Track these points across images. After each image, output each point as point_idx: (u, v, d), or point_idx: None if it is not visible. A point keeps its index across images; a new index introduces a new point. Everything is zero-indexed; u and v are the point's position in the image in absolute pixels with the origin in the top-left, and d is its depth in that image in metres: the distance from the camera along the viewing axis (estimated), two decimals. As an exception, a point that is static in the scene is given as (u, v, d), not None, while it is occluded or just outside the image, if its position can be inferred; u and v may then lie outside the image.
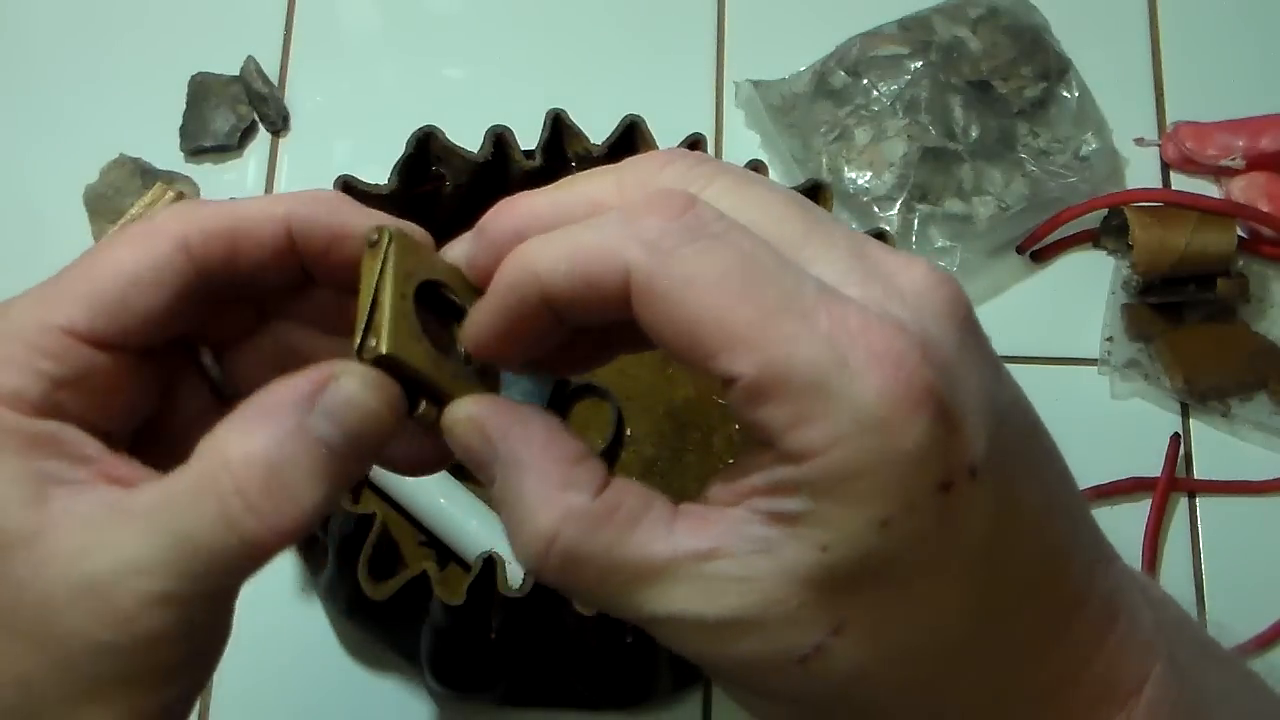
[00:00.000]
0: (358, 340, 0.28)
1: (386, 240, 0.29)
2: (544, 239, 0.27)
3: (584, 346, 0.31)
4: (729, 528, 0.27)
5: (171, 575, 0.27)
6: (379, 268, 0.29)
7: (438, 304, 0.30)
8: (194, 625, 0.28)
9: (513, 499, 0.28)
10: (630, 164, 0.29)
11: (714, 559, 0.26)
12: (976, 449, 0.26)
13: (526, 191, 0.29)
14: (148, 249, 0.29)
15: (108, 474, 0.28)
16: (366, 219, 0.30)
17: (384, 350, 0.28)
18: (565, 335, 0.29)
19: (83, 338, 0.29)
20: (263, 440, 0.27)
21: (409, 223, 0.31)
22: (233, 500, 0.27)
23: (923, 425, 0.25)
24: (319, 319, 0.33)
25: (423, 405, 0.29)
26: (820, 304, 0.25)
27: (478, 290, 0.30)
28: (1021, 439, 0.28)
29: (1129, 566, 0.31)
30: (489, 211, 0.30)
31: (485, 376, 0.31)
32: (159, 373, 0.31)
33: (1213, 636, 0.33)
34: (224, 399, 0.33)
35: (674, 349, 0.26)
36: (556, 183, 0.30)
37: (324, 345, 0.33)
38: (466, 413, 0.29)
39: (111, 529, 0.27)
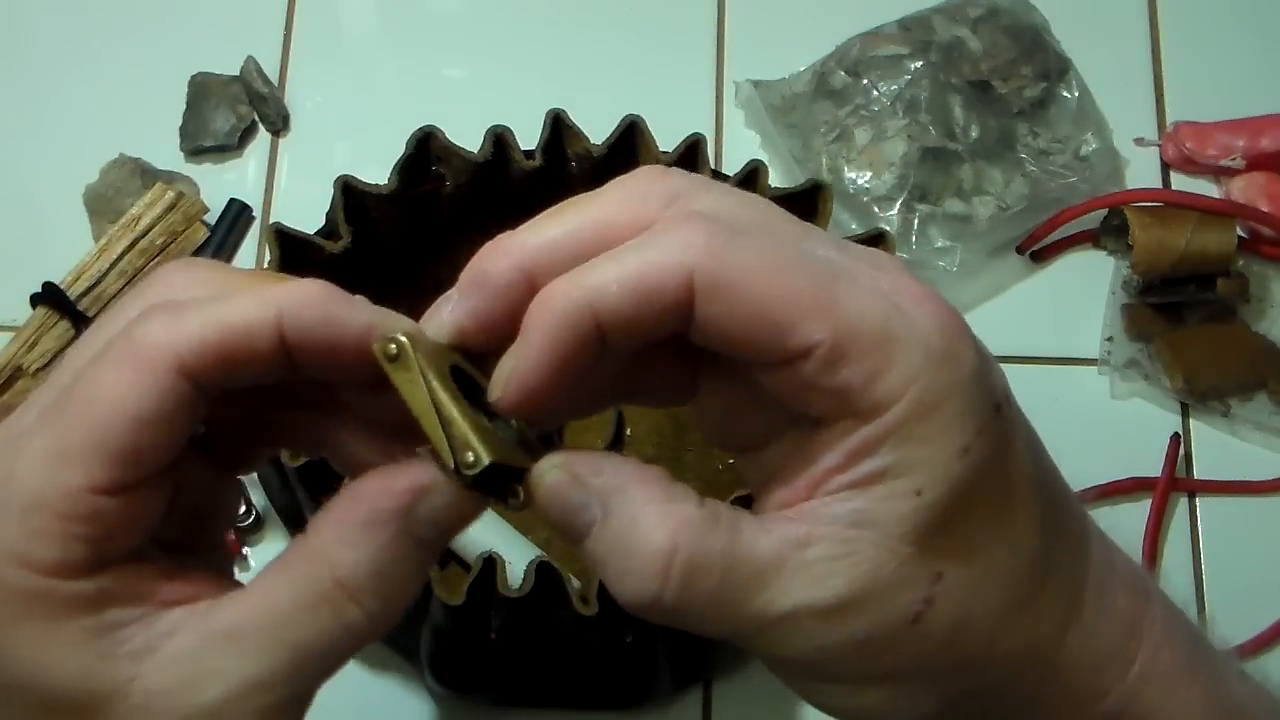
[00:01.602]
0: (450, 463, 0.28)
1: (411, 350, 0.28)
2: (587, 268, 0.28)
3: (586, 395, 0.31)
4: (814, 515, 0.28)
5: (289, 681, 0.28)
6: (420, 379, 0.28)
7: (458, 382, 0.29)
8: None
9: (622, 528, 0.28)
10: (623, 181, 0.30)
11: (813, 543, 0.27)
12: (1002, 378, 0.29)
13: (509, 232, 0.29)
14: (146, 381, 0.28)
15: (168, 600, 0.29)
16: (356, 315, 0.29)
17: (488, 461, 0.27)
18: (604, 376, 0.29)
19: (109, 492, 0.28)
20: (369, 550, 0.28)
21: (401, 317, 0.29)
22: (349, 609, 0.28)
23: (973, 349, 0.28)
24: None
25: (519, 491, 0.29)
26: (851, 270, 0.28)
27: (480, 354, 0.29)
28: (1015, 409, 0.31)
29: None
30: (476, 260, 0.29)
31: (531, 441, 0.30)
32: (167, 480, 0.30)
33: None
34: (208, 454, 0.32)
35: (742, 336, 0.27)
36: (545, 214, 0.29)
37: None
38: (552, 464, 0.29)
39: (216, 656, 0.28)
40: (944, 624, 0.28)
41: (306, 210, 0.64)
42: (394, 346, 0.28)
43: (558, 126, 0.64)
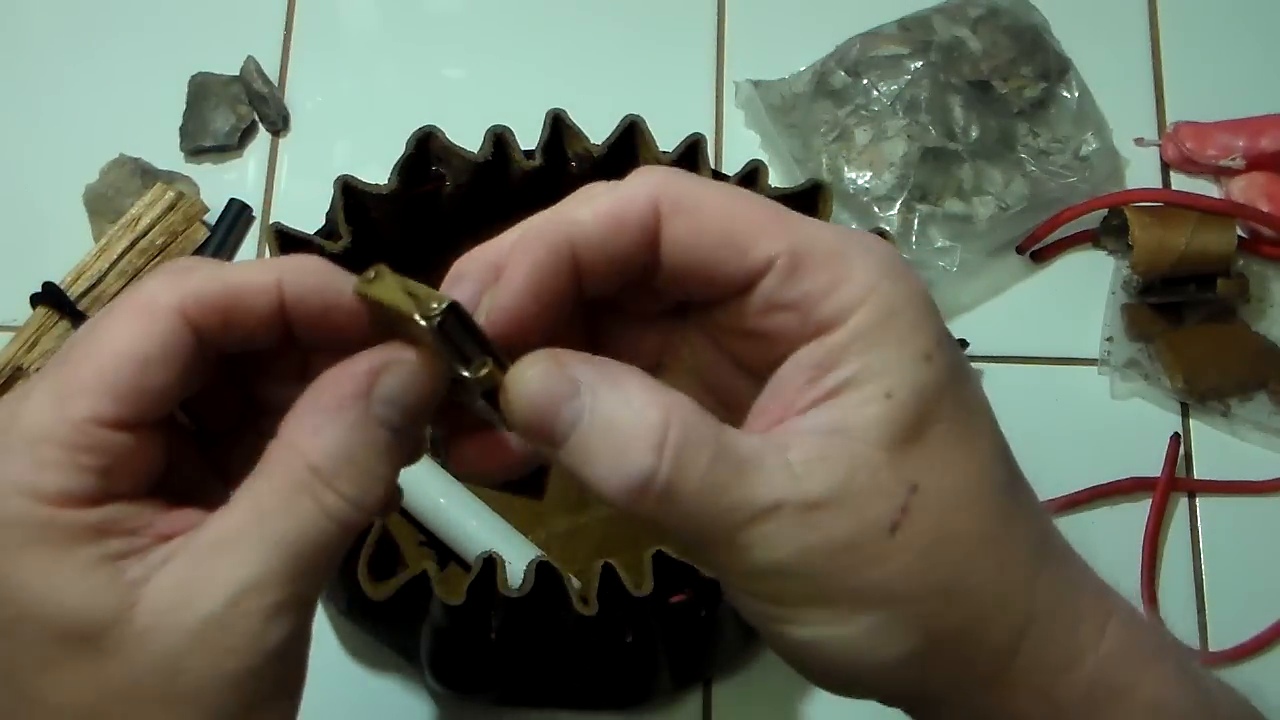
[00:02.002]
0: (419, 312, 0.29)
1: (387, 270, 0.30)
2: (562, 205, 0.30)
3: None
4: (790, 428, 0.29)
5: (285, 581, 0.29)
6: (393, 281, 0.30)
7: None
8: (305, 627, 0.30)
9: (611, 412, 0.28)
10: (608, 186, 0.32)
11: (792, 447, 0.28)
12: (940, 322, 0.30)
13: (547, 211, 0.31)
14: (150, 326, 0.29)
15: (164, 534, 0.29)
16: (351, 281, 0.31)
17: (448, 301, 0.29)
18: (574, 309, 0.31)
19: (113, 425, 0.29)
20: (336, 435, 0.29)
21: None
22: (327, 495, 0.29)
23: (916, 279, 0.30)
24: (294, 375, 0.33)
25: (485, 365, 0.29)
26: (812, 221, 0.30)
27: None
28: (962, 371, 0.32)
29: None
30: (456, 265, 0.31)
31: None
32: (165, 434, 0.31)
33: None
34: (198, 437, 0.34)
35: (706, 253, 0.30)
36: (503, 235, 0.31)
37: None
38: (537, 358, 0.29)
39: (208, 567, 0.28)
40: (921, 538, 0.28)
41: (306, 210, 0.64)
42: (373, 272, 0.30)
43: (558, 126, 0.64)
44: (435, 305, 0.29)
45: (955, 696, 0.30)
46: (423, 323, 0.29)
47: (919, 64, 0.74)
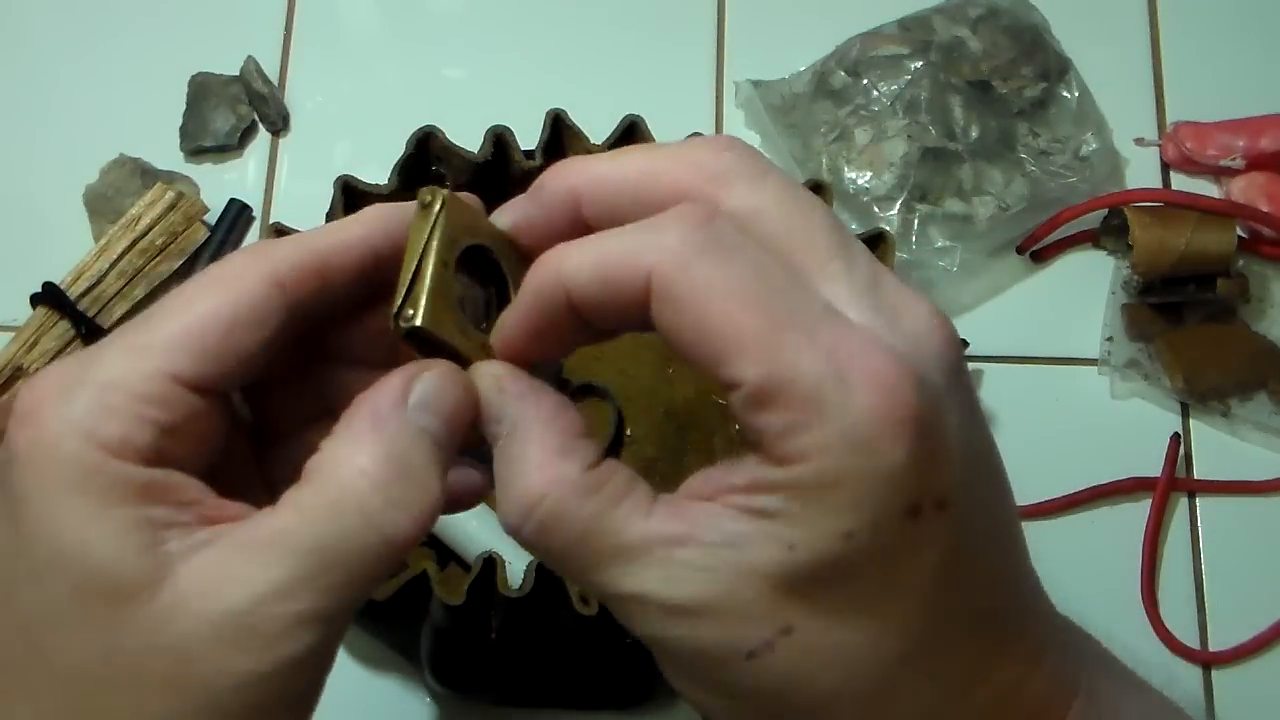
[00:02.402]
0: (395, 307, 0.30)
1: (440, 204, 0.30)
2: (572, 245, 0.29)
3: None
4: (703, 518, 0.28)
5: (316, 592, 0.28)
6: (427, 231, 0.30)
7: (483, 267, 0.31)
8: (329, 645, 0.29)
9: (511, 457, 0.29)
10: (691, 145, 0.30)
11: (684, 545, 0.28)
12: (949, 482, 0.27)
13: (585, 156, 0.31)
14: (242, 290, 0.29)
15: (209, 516, 0.29)
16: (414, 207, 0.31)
17: (419, 324, 0.29)
18: (588, 338, 0.31)
19: (187, 384, 0.29)
20: (384, 443, 0.29)
21: (464, 192, 0.32)
22: (373, 500, 0.28)
23: (903, 450, 0.26)
24: (367, 356, 0.34)
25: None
26: (825, 322, 0.27)
27: (526, 257, 0.31)
28: (987, 481, 0.30)
29: (1052, 606, 0.33)
30: (545, 172, 0.31)
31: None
32: (229, 415, 0.31)
33: (1131, 671, 0.35)
34: (253, 437, 0.34)
35: (686, 353, 0.28)
36: (613, 152, 0.31)
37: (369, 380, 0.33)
38: (491, 370, 0.30)
39: (243, 562, 0.28)
40: (777, 672, 0.28)
41: (306, 210, 0.64)
42: (429, 195, 0.30)
43: (558, 126, 0.64)
44: (410, 313, 0.30)
45: None
46: (393, 322, 0.30)
47: (919, 64, 0.74)
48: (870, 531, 0.27)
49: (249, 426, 0.34)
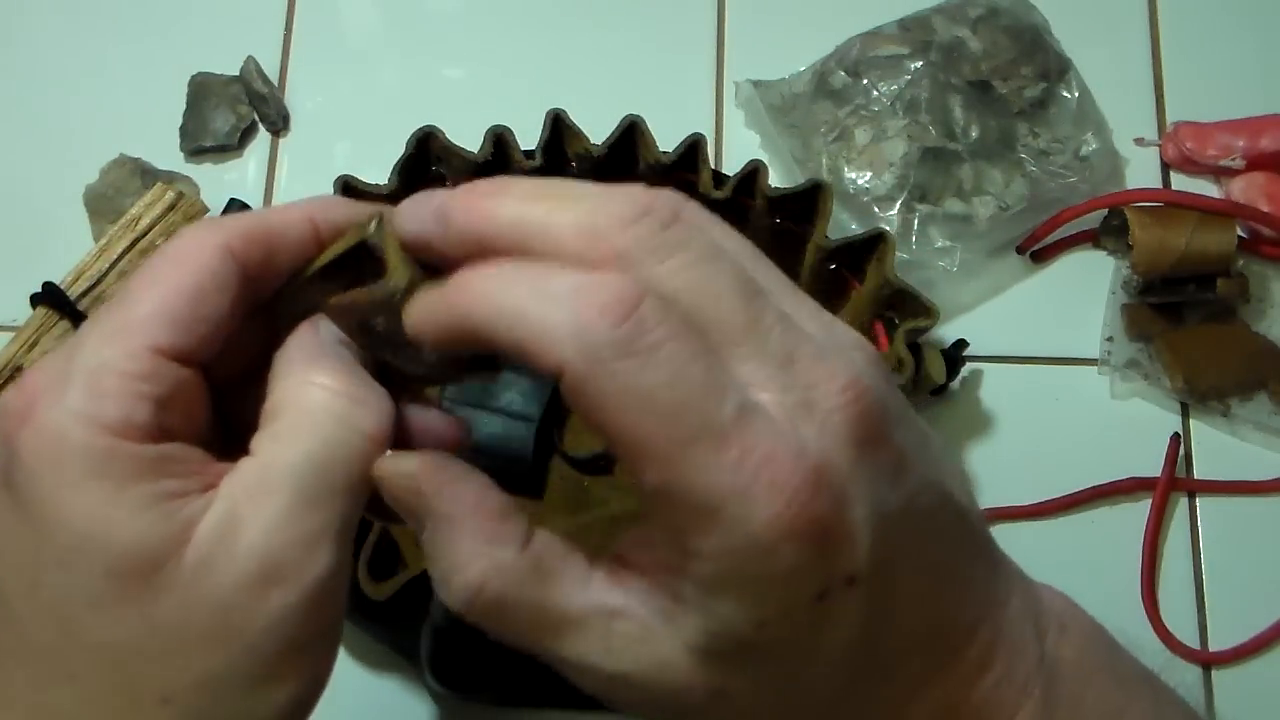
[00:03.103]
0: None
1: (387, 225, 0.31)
2: (498, 289, 0.28)
3: None
4: (636, 591, 0.29)
5: (321, 507, 0.29)
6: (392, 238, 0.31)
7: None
8: (343, 568, 0.30)
9: (442, 552, 0.30)
10: (601, 206, 0.28)
11: (620, 618, 0.29)
12: (856, 562, 0.28)
13: (500, 183, 0.29)
14: (200, 261, 0.30)
15: (211, 482, 0.30)
16: (379, 210, 0.32)
17: (404, 282, 0.30)
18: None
19: (169, 355, 0.30)
20: (326, 362, 0.31)
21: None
22: (340, 403, 0.30)
23: (804, 552, 0.27)
24: None
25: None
26: (735, 431, 0.27)
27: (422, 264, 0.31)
28: (917, 531, 0.30)
29: (1037, 591, 0.34)
30: (457, 195, 0.30)
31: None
32: (206, 379, 0.32)
33: (1123, 654, 0.35)
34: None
35: (598, 434, 0.28)
36: (533, 191, 0.29)
37: None
38: (401, 469, 0.30)
39: (246, 504, 0.29)
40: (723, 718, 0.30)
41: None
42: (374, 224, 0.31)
43: (558, 126, 0.64)
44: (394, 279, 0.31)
45: None
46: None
47: (919, 64, 0.74)
48: (780, 620, 0.28)
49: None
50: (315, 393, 0.30)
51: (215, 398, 0.33)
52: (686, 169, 0.65)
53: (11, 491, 0.29)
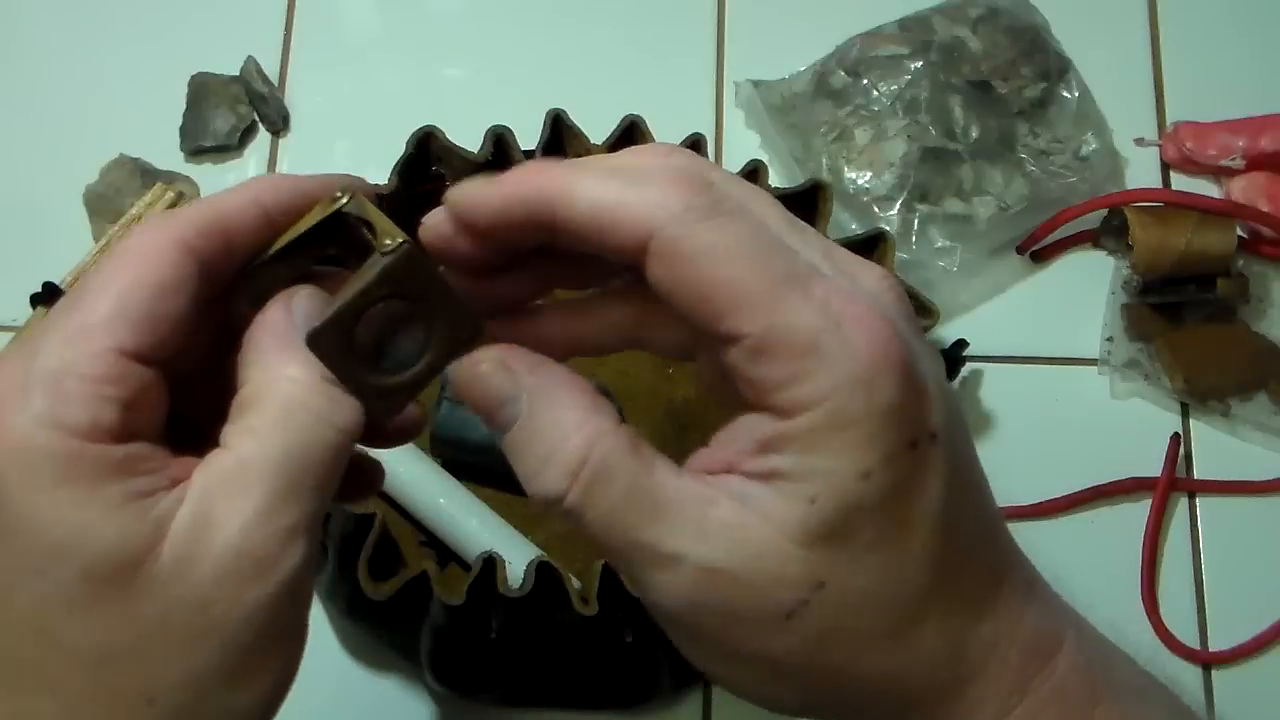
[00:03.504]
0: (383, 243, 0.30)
1: (346, 199, 0.32)
2: (570, 171, 0.30)
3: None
4: (724, 486, 0.29)
5: (297, 502, 0.29)
6: (368, 203, 0.31)
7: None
8: (311, 561, 0.30)
9: (540, 427, 0.30)
10: (637, 151, 0.31)
11: (716, 505, 0.29)
12: (936, 415, 0.29)
13: (552, 163, 0.31)
14: (157, 257, 0.30)
15: (176, 477, 0.30)
16: (319, 181, 0.32)
17: (401, 239, 0.30)
18: (520, 259, 0.32)
19: (132, 355, 0.29)
20: (298, 353, 0.30)
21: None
22: (315, 399, 0.30)
23: (899, 384, 0.28)
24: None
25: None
26: (814, 277, 0.29)
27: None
28: (959, 419, 0.31)
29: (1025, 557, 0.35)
30: (517, 168, 0.31)
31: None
32: (167, 376, 0.32)
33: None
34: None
35: (684, 306, 0.29)
36: (583, 164, 0.31)
37: None
38: (489, 355, 0.31)
39: (221, 500, 0.29)
40: (814, 628, 0.29)
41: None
42: (341, 193, 0.31)
43: (558, 126, 0.64)
44: (389, 242, 0.30)
45: None
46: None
47: (919, 64, 0.74)
48: (883, 467, 0.28)
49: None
50: (290, 387, 0.30)
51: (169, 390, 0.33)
52: (686, 169, 0.65)
53: None
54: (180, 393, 0.32)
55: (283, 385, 0.30)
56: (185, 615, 0.28)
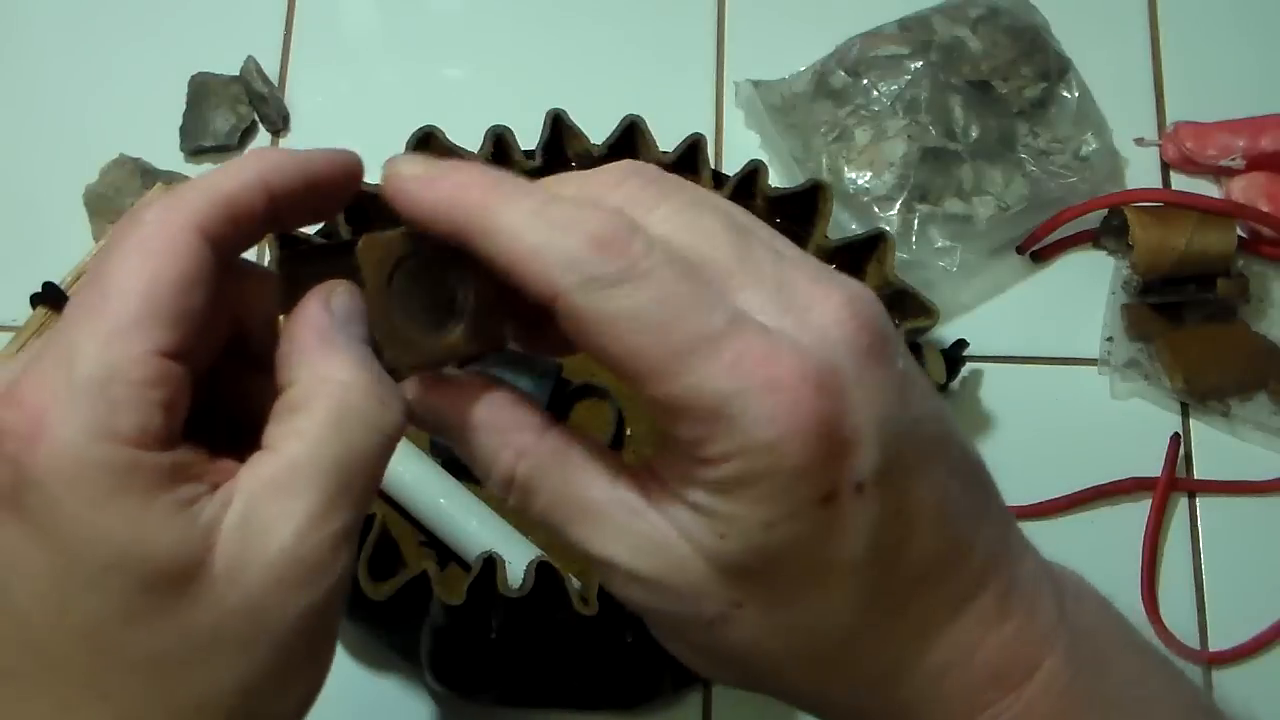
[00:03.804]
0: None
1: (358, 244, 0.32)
2: (510, 206, 0.29)
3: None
4: (659, 497, 0.30)
5: (346, 507, 0.29)
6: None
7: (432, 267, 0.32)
8: (351, 566, 0.30)
9: (476, 456, 0.32)
10: (591, 176, 0.31)
11: (641, 518, 0.30)
12: (864, 467, 0.29)
13: (488, 182, 0.30)
14: (178, 248, 0.29)
15: (216, 481, 0.29)
16: (325, 156, 0.32)
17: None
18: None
19: (171, 355, 0.29)
20: (345, 355, 0.30)
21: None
22: (368, 405, 0.30)
23: (808, 448, 0.28)
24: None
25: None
26: (728, 337, 0.28)
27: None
28: (924, 453, 0.30)
29: (1049, 563, 0.34)
30: (459, 171, 0.31)
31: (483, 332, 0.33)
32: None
33: (1135, 629, 0.36)
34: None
35: (598, 358, 0.29)
36: (512, 190, 0.30)
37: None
38: (410, 395, 0.32)
39: (272, 504, 0.29)
40: (736, 639, 0.31)
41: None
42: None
43: (558, 126, 0.64)
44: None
45: None
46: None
47: (919, 64, 0.74)
48: (787, 521, 0.29)
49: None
50: (340, 390, 0.30)
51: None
52: (686, 169, 0.65)
53: (24, 514, 0.28)
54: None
55: (332, 388, 0.30)
56: (238, 621, 0.28)
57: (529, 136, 0.64)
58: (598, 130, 0.65)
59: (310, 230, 0.63)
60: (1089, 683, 0.32)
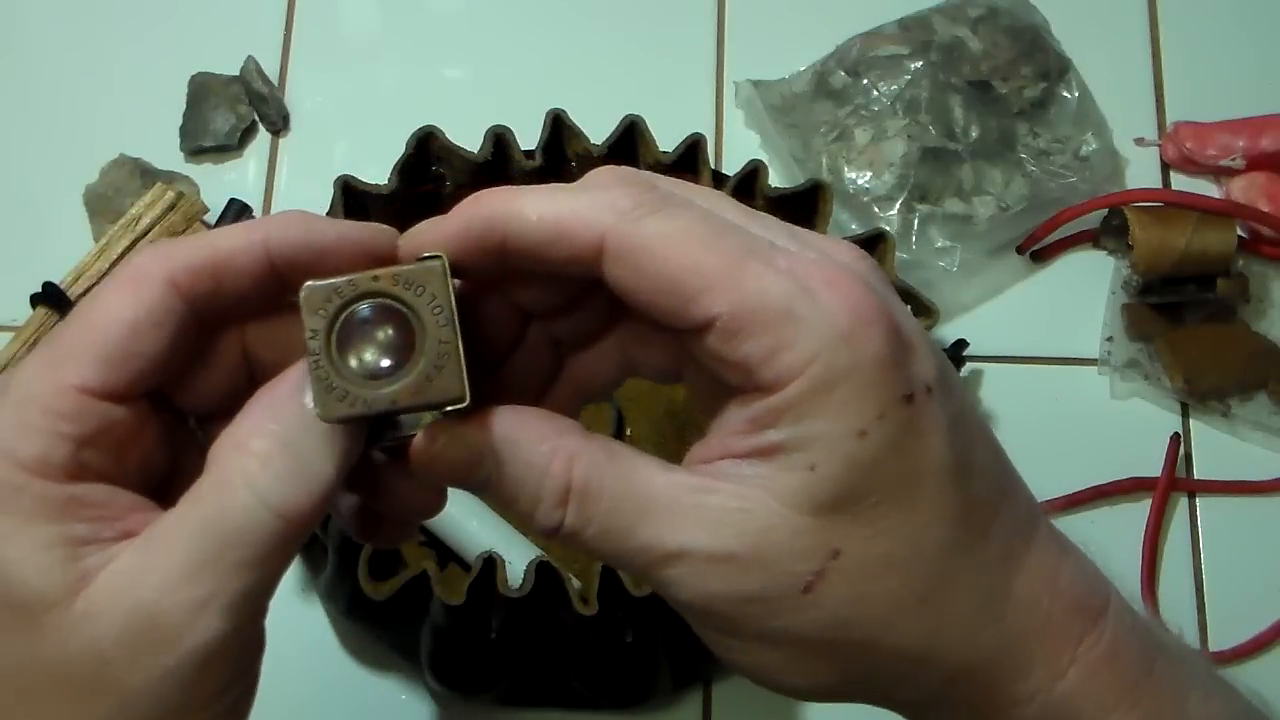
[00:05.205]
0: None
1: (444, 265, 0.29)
2: (517, 192, 0.29)
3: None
4: (719, 471, 0.29)
5: (216, 575, 0.28)
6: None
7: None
8: (241, 637, 0.29)
9: (518, 471, 0.30)
10: (586, 181, 0.30)
11: (711, 491, 0.28)
12: (929, 367, 0.29)
13: (496, 189, 0.30)
14: (139, 294, 0.29)
15: (130, 530, 0.29)
16: (337, 230, 0.31)
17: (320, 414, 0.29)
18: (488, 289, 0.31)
19: (96, 394, 0.29)
20: (278, 424, 0.29)
21: (382, 227, 0.31)
22: (261, 476, 0.28)
23: (883, 337, 0.28)
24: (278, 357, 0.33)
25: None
26: (776, 251, 0.28)
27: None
28: (957, 378, 0.30)
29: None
30: (464, 202, 0.30)
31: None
32: (166, 427, 0.31)
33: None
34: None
35: (648, 302, 0.28)
36: (526, 188, 0.30)
37: None
38: (442, 431, 0.30)
39: (146, 557, 0.28)
40: (835, 599, 0.28)
41: (306, 210, 0.64)
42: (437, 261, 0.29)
43: (558, 126, 0.64)
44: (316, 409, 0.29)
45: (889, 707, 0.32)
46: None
47: (919, 64, 0.74)
48: (878, 424, 0.28)
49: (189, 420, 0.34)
50: (238, 456, 0.29)
51: (187, 432, 0.32)
52: (686, 169, 0.65)
53: None
54: (211, 432, 0.31)
55: (238, 454, 0.29)
56: (85, 667, 0.28)
57: (529, 136, 0.64)
58: (598, 130, 0.65)
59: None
60: (1144, 620, 0.32)
